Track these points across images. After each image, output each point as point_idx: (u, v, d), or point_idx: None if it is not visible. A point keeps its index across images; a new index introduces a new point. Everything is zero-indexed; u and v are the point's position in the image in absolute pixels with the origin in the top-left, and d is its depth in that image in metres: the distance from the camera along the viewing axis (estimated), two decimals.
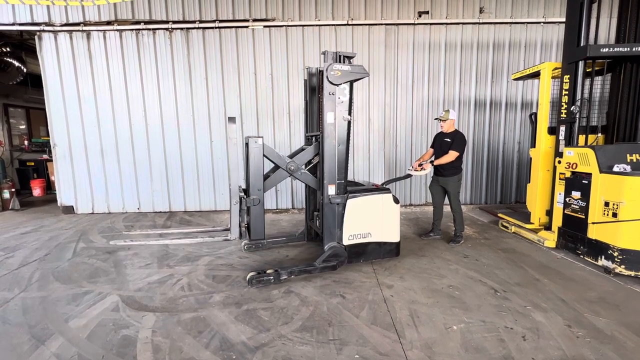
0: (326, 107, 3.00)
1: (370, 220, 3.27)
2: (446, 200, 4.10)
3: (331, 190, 3.10)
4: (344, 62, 3.06)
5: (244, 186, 3.30)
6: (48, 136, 6.69)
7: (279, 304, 2.58)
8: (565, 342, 2.07)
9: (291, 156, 3.28)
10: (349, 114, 3.09)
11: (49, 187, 8.10)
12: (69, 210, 5.92)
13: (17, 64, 6.95)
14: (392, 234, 3.40)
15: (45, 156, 8.20)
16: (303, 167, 3.26)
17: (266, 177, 3.18)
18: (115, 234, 4.32)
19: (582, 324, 2.28)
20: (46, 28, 5.49)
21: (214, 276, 3.12)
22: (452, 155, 3.79)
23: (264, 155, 3.02)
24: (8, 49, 6.62)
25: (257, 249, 3.82)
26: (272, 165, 3.30)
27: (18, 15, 5.48)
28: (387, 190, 3.35)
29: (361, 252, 3.29)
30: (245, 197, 3.05)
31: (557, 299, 2.62)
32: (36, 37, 5.57)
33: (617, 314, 2.39)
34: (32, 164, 8.26)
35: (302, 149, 3.40)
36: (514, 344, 2.06)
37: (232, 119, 2.94)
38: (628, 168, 3.08)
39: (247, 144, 3.10)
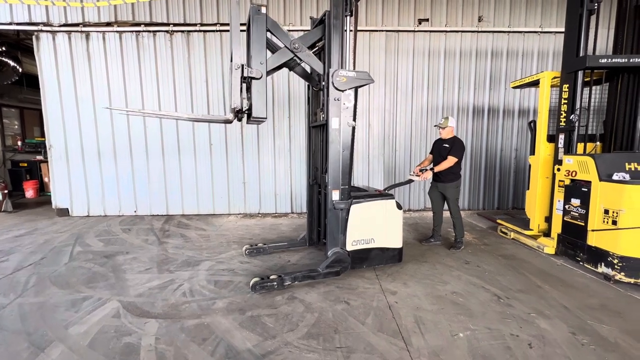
0: (331, 112, 3.00)
1: (373, 226, 3.27)
2: (445, 206, 4.12)
3: (335, 195, 3.09)
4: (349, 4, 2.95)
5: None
6: (42, 137, 6.59)
7: (284, 310, 2.56)
8: (571, 350, 2.08)
9: None
10: (353, 119, 3.09)
11: (42, 188, 7.96)
12: (64, 212, 5.82)
13: (12, 63, 6.84)
14: (395, 240, 3.40)
15: (39, 157, 8.07)
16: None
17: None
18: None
19: (586, 331, 2.29)
20: (44, 28, 5.43)
21: (216, 281, 3.08)
22: (451, 161, 3.82)
23: (267, 30, 2.87)
24: (4, 49, 6.52)
25: (258, 254, 3.78)
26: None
27: (15, 15, 5.41)
28: (391, 196, 3.35)
29: (364, 257, 3.28)
30: (247, 66, 2.80)
31: (560, 306, 2.64)
32: (34, 37, 5.50)
33: (620, 322, 2.42)
34: (25, 165, 8.11)
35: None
36: (520, 351, 2.07)
37: None
38: (627, 176, 3.13)
39: (249, 23, 2.90)
